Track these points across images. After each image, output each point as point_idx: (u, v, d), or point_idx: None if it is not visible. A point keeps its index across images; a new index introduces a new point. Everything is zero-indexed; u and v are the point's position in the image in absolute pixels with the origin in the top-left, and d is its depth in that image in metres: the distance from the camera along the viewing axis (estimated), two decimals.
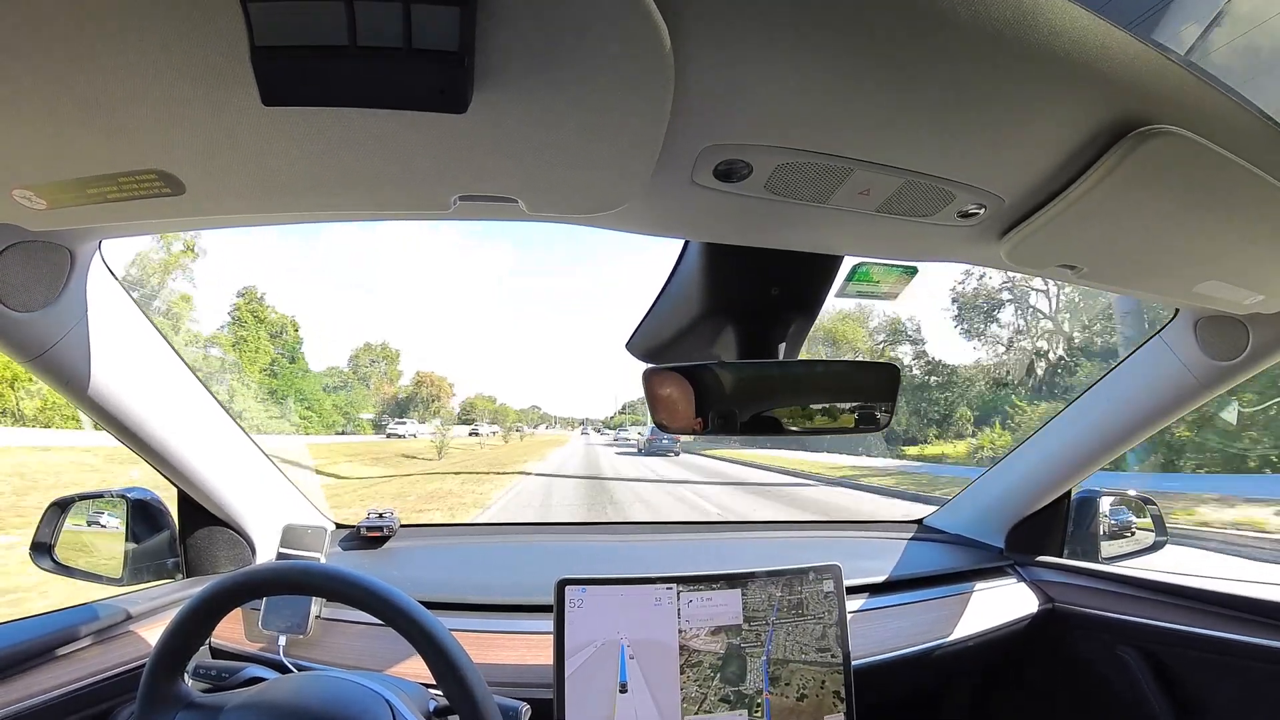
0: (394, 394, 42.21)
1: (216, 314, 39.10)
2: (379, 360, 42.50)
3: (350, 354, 42.62)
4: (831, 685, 0.99)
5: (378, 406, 40.25)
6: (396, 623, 0.64)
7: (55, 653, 0.83)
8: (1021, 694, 1.36)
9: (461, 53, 0.36)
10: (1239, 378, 1.03)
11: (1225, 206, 0.61)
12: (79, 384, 0.82)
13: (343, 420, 34.64)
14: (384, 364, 42.62)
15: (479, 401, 56.77)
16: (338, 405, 35.26)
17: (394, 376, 42.63)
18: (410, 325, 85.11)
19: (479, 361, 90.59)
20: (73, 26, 0.36)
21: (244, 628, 1.05)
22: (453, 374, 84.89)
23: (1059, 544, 1.39)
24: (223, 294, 43.44)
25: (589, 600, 0.95)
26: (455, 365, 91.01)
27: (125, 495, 1.06)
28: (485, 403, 58.12)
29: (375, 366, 41.99)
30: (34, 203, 0.56)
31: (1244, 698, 1.02)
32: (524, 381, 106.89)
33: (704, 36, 0.39)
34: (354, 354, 42.11)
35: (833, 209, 0.60)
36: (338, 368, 40.56)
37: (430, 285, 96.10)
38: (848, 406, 0.82)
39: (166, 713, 0.65)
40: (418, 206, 0.57)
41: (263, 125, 0.44)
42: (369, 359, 42.20)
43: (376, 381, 41.48)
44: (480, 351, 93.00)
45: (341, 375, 39.70)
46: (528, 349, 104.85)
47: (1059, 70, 0.44)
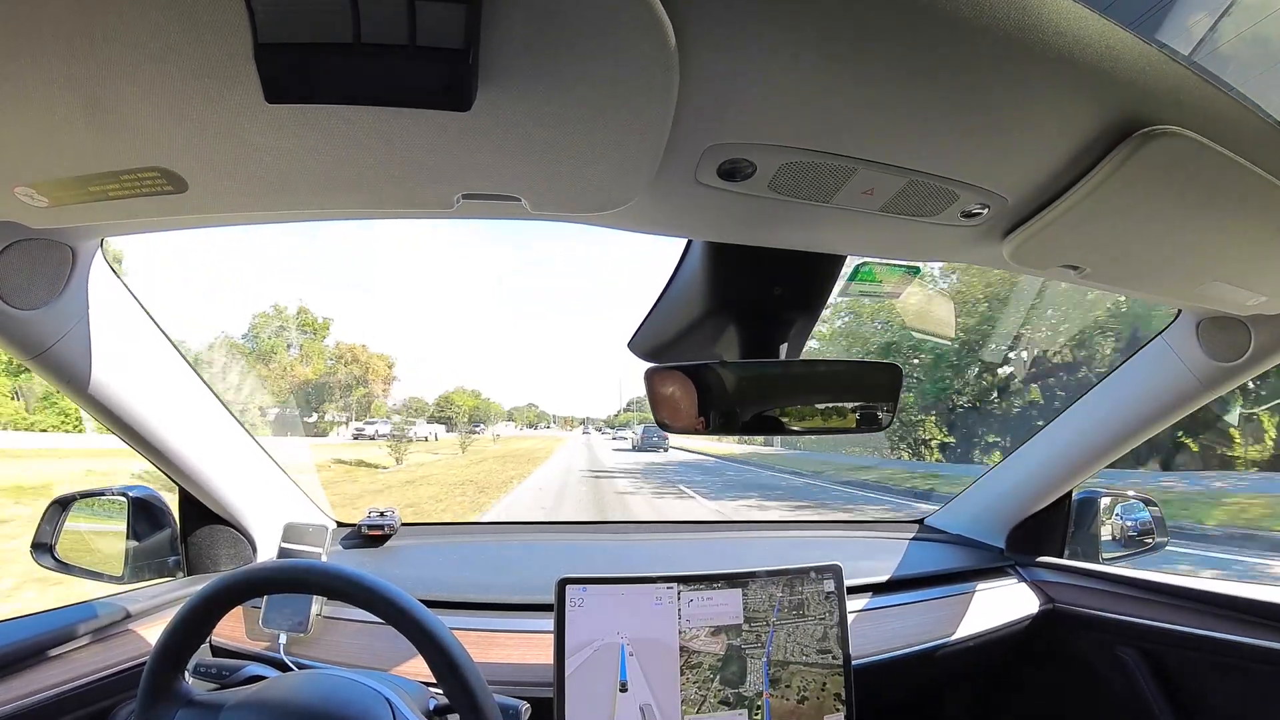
0: (309, 378, 29.91)
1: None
2: (289, 329, 29.39)
3: (251, 322, 29.00)
4: (833, 688, 0.99)
5: (283, 394, 27.63)
6: (397, 621, 0.64)
7: (55, 651, 0.83)
8: (1022, 694, 1.36)
9: (466, 50, 0.35)
10: (1241, 379, 1.03)
11: (1229, 208, 0.61)
12: (80, 382, 0.81)
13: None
14: (295, 334, 29.33)
15: (458, 397, 47.95)
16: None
17: (316, 354, 29.93)
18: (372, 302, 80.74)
19: (470, 357, 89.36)
20: (75, 24, 0.36)
21: (245, 626, 1.05)
22: (437, 365, 77.44)
23: (1060, 544, 1.39)
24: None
25: (589, 599, 0.95)
26: (444, 359, 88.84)
27: (126, 493, 1.06)
28: (467, 398, 49.54)
29: (282, 338, 28.91)
30: (36, 200, 0.56)
31: (1244, 698, 1.03)
32: (523, 379, 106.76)
33: (709, 35, 0.39)
34: (254, 323, 28.54)
35: (836, 208, 0.60)
36: (231, 338, 27.53)
37: (422, 273, 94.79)
38: (850, 406, 0.82)
39: (167, 711, 0.65)
40: (421, 205, 0.57)
41: (266, 123, 0.44)
42: (277, 327, 28.93)
43: (285, 362, 28.99)
44: (471, 345, 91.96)
45: (233, 348, 26.59)
46: (526, 345, 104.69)
47: (1063, 70, 0.43)
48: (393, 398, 31.81)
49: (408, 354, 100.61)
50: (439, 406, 44.45)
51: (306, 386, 30.07)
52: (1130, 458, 1.37)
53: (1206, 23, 0.47)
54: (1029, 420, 12.69)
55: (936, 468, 14.35)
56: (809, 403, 0.82)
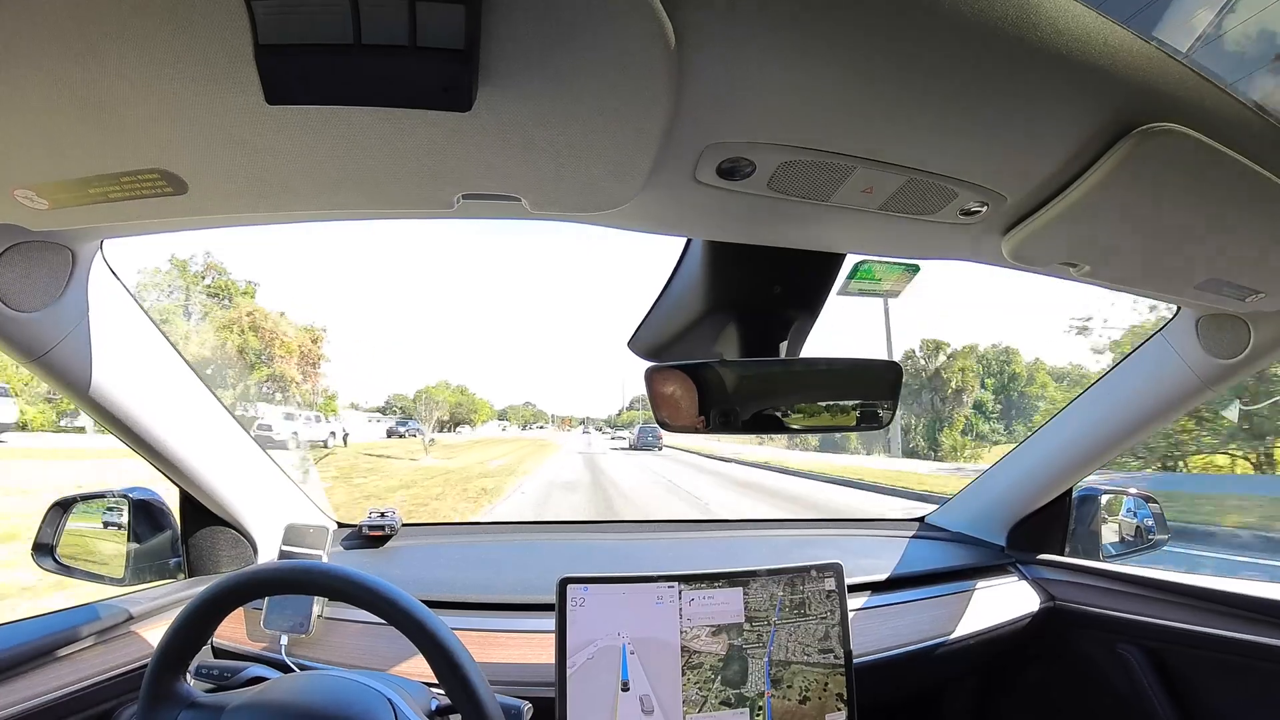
0: (199, 355, 18.85)
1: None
2: (192, 291, 20.75)
3: (136, 281, 18.84)
4: (834, 687, 0.99)
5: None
6: (398, 622, 0.64)
7: (57, 653, 0.83)
8: (1023, 692, 1.36)
9: (467, 50, 0.36)
10: (1240, 375, 1.03)
11: (1228, 204, 0.61)
12: (80, 384, 0.81)
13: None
14: (202, 298, 20.79)
15: (437, 391, 39.29)
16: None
17: (231, 327, 19.26)
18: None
19: (457, 349, 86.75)
20: (75, 26, 0.36)
21: (246, 627, 1.05)
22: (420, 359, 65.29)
23: (1060, 542, 1.39)
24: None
25: (591, 599, 0.95)
26: (430, 350, 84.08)
27: (127, 495, 1.06)
28: (448, 393, 40.54)
29: (174, 299, 20.25)
30: (35, 203, 0.56)
31: (1245, 696, 1.03)
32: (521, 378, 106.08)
33: (707, 35, 0.39)
34: (139, 282, 19.32)
35: (835, 207, 0.60)
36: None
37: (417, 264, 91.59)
38: (850, 404, 0.82)
39: (169, 712, 0.65)
40: (421, 205, 0.57)
41: (266, 124, 0.44)
42: (167, 288, 20.34)
43: (182, 330, 19.39)
44: (454, 336, 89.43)
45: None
46: (524, 344, 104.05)
47: (1062, 68, 0.44)
48: (324, 383, 21.59)
49: (381, 339, 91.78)
50: (417, 401, 36.75)
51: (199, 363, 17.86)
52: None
53: (1206, 19, 0.47)
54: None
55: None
56: (810, 401, 0.83)
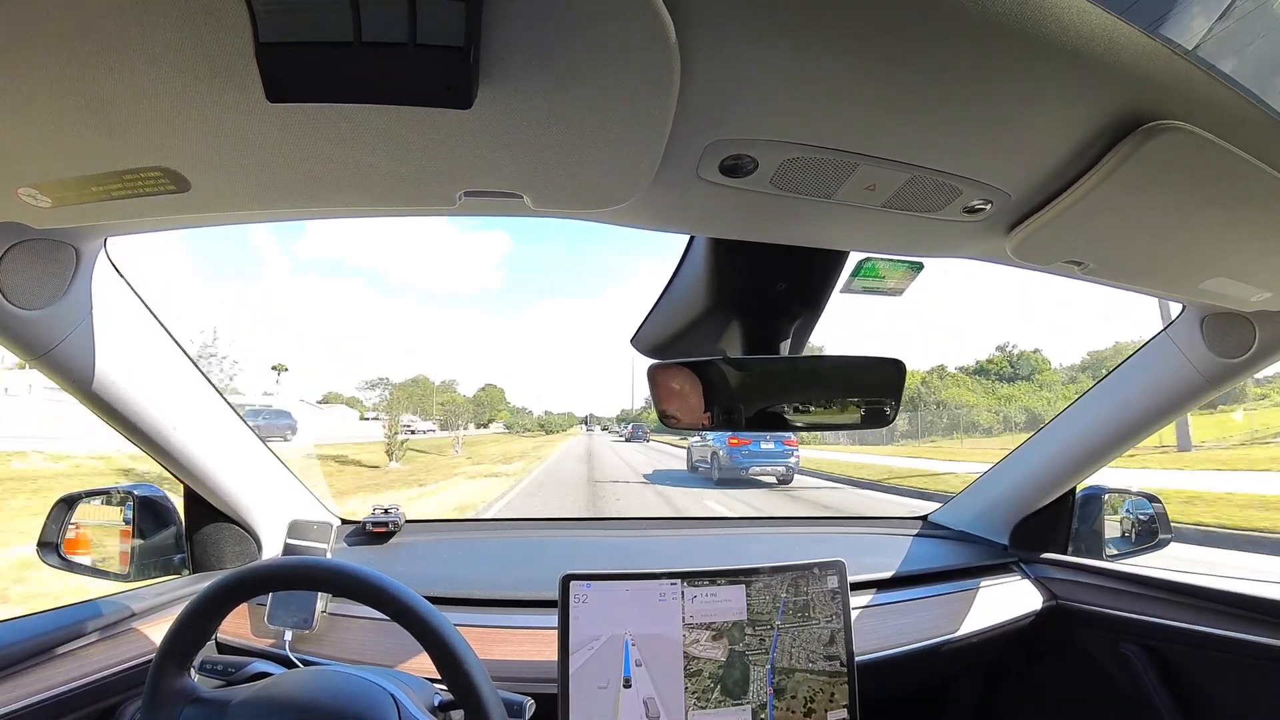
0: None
1: None
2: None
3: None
4: (840, 698, 0.98)
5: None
6: (402, 618, 0.64)
7: (62, 649, 0.84)
8: (1025, 691, 1.36)
9: (467, 48, 0.35)
10: (1245, 374, 1.02)
11: (1233, 203, 0.60)
12: (85, 381, 0.82)
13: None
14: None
15: (416, 387, 36.55)
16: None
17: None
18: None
19: (468, 355, 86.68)
20: (77, 25, 0.36)
21: (250, 623, 1.05)
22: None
23: (1063, 541, 1.39)
24: None
25: (594, 595, 0.95)
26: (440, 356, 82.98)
27: (132, 491, 1.06)
28: (429, 388, 38.13)
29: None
30: (39, 201, 0.56)
31: (1248, 696, 1.02)
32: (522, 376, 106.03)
33: (710, 31, 0.39)
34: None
35: (839, 204, 0.60)
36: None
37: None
38: (854, 401, 0.82)
39: (173, 708, 0.66)
40: (423, 202, 0.57)
41: (268, 122, 0.44)
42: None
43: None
44: (465, 342, 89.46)
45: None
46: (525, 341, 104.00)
47: (1066, 65, 0.43)
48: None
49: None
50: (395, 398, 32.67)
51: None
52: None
53: (1212, 15, 0.46)
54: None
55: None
56: (813, 398, 0.82)
